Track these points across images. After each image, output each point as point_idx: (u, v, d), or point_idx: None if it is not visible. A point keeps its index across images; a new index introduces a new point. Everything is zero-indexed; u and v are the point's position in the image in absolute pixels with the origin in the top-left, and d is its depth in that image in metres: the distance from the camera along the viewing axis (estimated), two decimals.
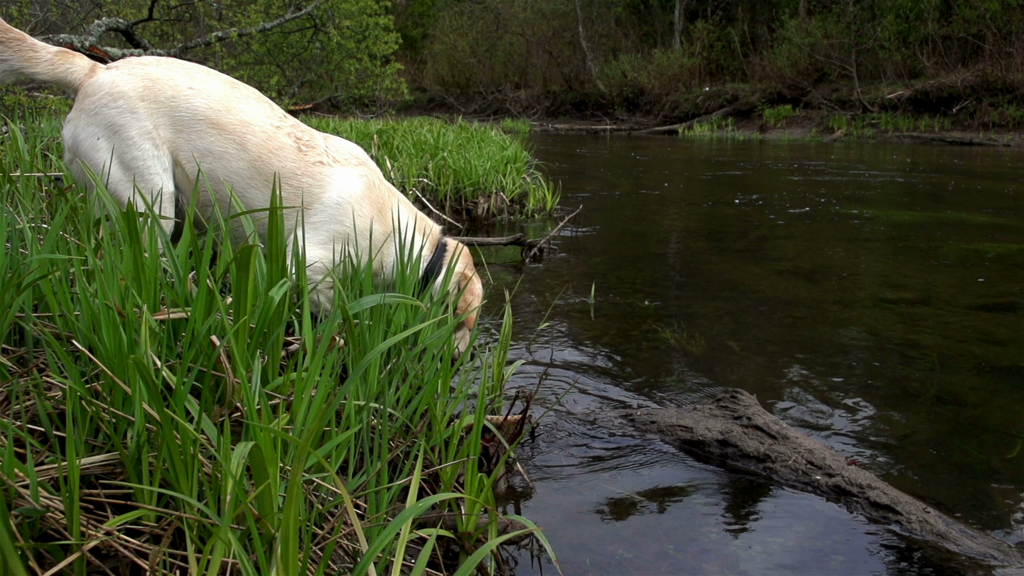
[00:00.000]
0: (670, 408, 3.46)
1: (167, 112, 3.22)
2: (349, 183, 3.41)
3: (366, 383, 2.30)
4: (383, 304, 2.49)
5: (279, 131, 3.37)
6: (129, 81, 3.22)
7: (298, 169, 3.33)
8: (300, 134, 3.44)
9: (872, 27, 33.65)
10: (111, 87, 3.20)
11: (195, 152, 3.24)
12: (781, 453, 2.95)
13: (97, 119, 3.18)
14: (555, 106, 47.51)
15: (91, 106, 3.20)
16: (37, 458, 1.75)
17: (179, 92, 3.25)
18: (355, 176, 3.45)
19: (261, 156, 3.29)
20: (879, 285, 6.13)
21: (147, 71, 3.27)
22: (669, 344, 4.51)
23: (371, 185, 3.48)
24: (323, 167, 3.39)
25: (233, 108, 3.31)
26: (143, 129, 3.18)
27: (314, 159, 3.39)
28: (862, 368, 4.16)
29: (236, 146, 3.27)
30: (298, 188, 3.32)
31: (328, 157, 3.43)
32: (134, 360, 1.52)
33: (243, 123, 3.30)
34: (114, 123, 3.17)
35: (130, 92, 3.20)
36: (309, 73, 23.31)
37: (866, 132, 30.51)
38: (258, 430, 1.52)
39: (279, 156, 3.31)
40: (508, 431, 2.90)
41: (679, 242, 8.20)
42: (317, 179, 3.36)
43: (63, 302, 2.05)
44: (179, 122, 3.23)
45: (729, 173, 16.42)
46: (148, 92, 3.21)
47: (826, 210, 10.35)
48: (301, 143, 3.40)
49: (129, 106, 3.18)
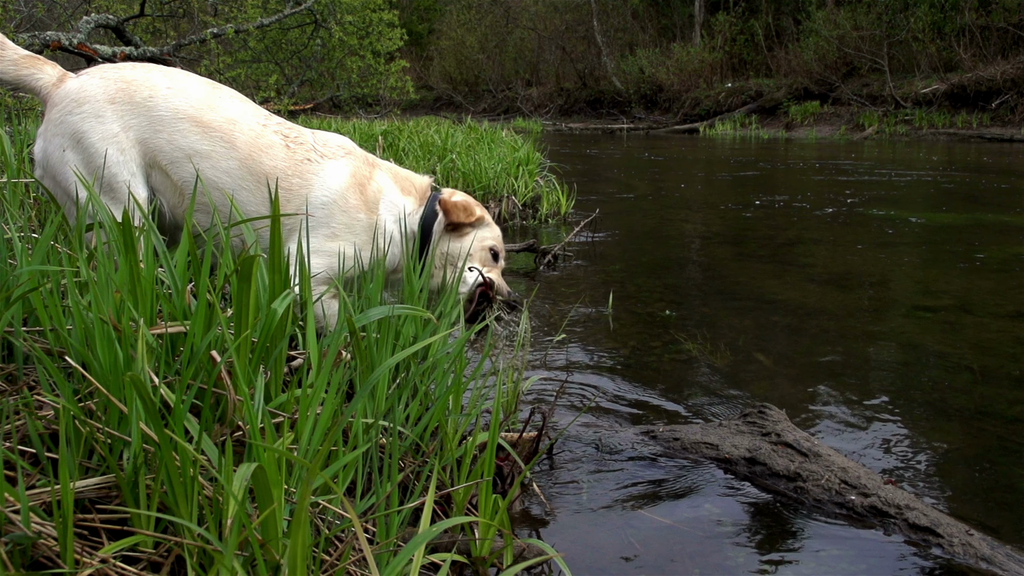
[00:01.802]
0: (694, 424, 3.45)
1: (143, 112, 3.23)
2: (333, 178, 3.43)
3: (374, 399, 2.30)
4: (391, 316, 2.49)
5: (266, 128, 3.41)
6: (99, 85, 3.24)
7: (288, 169, 3.36)
8: (287, 131, 3.48)
9: (905, 17, 33.56)
10: (77, 93, 3.22)
11: (179, 153, 3.25)
12: (813, 472, 2.93)
13: (62, 128, 3.19)
14: (569, 104, 47.55)
15: (56, 116, 3.21)
16: (28, 481, 1.75)
17: (157, 91, 3.27)
18: (339, 169, 3.47)
19: (252, 154, 3.31)
20: (914, 292, 6.11)
21: (121, 74, 3.30)
22: (692, 356, 4.50)
23: (355, 173, 3.49)
24: (310, 164, 3.42)
25: (217, 106, 3.33)
26: (107, 134, 3.18)
27: (302, 156, 3.42)
28: (897, 381, 4.14)
29: (224, 144, 3.28)
30: (289, 190, 3.34)
31: (316, 153, 3.47)
32: (131, 377, 1.53)
33: (230, 120, 3.32)
34: (77, 131, 3.17)
35: (98, 95, 3.21)
36: (309, 71, 23.41)
37: (899, 129, 30.44)
38: (262, 451, 1.53)
39: (270, 155, 3.34)
40: (524, 449, 2.89)
41: (701, 247, 8.19)
42: (305, 179, 3.39)
43: (54, 316, 2.06)
44: (159, 122, 3.24)
45: (753, 174, 16.40)
46: (121, 94, 3.22)
47: (856, 212, 10.32)
48: (289, 140, 3.44)
49: (94, 110, 3.19)
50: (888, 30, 33.91)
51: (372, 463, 2.18)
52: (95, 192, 2.70)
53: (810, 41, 36.67)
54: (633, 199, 12.11)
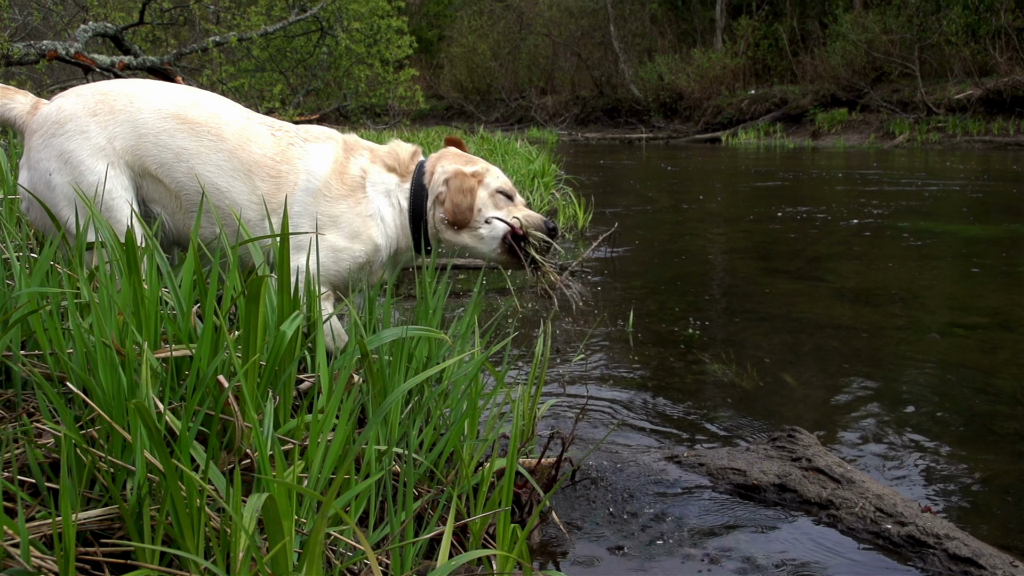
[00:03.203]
0: (720, 449, 3.43)
1: (126, 119, 3.26)
2: (316, 164, 3.48)
3: (387, 425, 2.30)
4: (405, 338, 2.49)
5: (251, 121, 3.50)
6: (76, 102, 3.27)
7: (277, 155, 3.42)
8: (271, 123, 3.57)
9: (937, 20, 33.50)
10: (57, 115, 3.25)
11: (168, 154, 3.28)
12: (846, 499, 2.92)
13: (47, 152, 3.21)
14: (585, 113, 47.64)
15: (39, 141, 3.24)
16: (28, 513, 1.76)
17: (136, 96, 3.31)
18: (321, 154, 3.51)
19: (240, 144, 3.37)
20: (949, 308, 6.08)
21: (96, 88, 3.35)
22: (717, 377, 4.49)
23: (336, 159, 3.53)
24: (294, 148, 3.48)
25: (199, 103, 3.39)
26: (96, 147, 3.21)
27: (287, 141, 3.48)
28: (933, 402, 4.12)
29: (213, 137, 3.32)
30: (278, 176, 3.37)
31: (299, 138, 3.52)
32: (136, 405, 1.53)
33: (214, 115, 3.37)
34: (63, 151, 3.20)
35: (79, 112, 3.24)
36: (315, 80, 23.51)
37: (931, 137, 30.35)
38: (272, 483, 1.53)
39: (258, 143, 3.41)
40: (543, 476, 2.88)
41: (725, 262, 8.18)
42: (292, 164, 3.44)
43: (55, 339, 2.07)
44: (143, 125, 3.27)
45: (778, 185, 16.37)
46: (100, 105, 3.26)
47: (887, 225, 10.29)
48: (274, 129, 3.52)
49: (78, 127, 3.22)
50: (919, 33, 33.85)
51: (385, 491, 2.18)
52: (96, 209, 2.72)
53: (837, 45, 36.63)
54: (653, 212, 12.11)
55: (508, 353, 3.21)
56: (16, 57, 13.63)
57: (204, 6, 19.96)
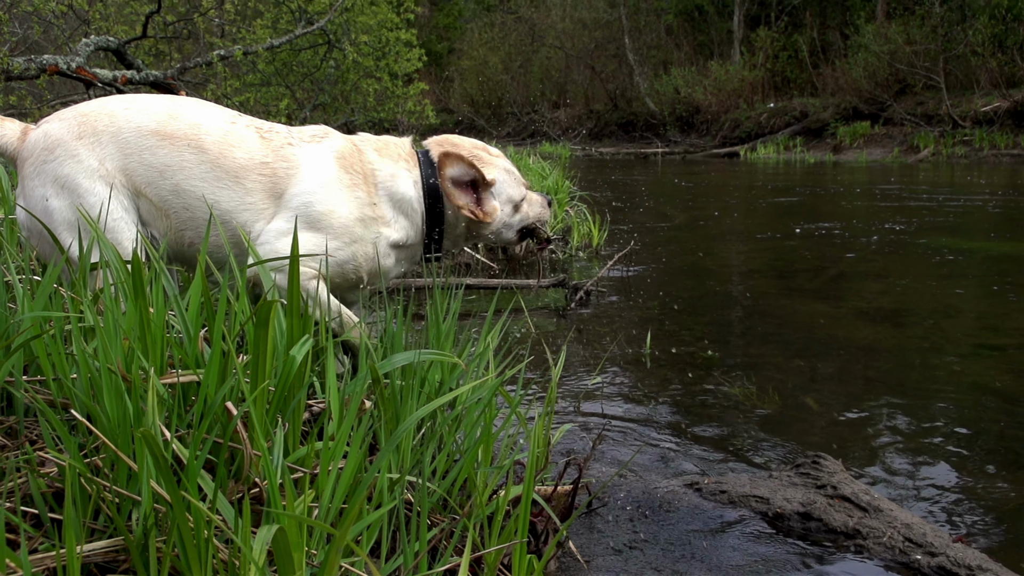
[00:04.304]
0: (742, 476, 3.42)
1: (109, 140, 3.28)
2: (318, 159, 3.47)
3: (399, 453, 2.29)
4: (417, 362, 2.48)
5: (235, 126, 3.46)
6: (61, 127, 3.30)
7: (268, 156, 3.40)
8: (260, 125, 3.54)
9: (962, 30, 33.50)
10: (45, 141, 3.27)
11: (152, 172, 3.29)
12: (873, 528, 2.90)
13: (42, 179, 3.24)
14: (599, 127, 47.75)
15: (32, 169, 3.26)
16: (31, 545, 1.76)
17: (116, 115, 3.32)
18: (323, 149, 3.51)
19: (223, 152, 3.34)
20: (977, 329, 6.05)
21: (77, 110, 3.37)
22: (737, 400, 4.47)
23: (341, 154, 3.51)
24: (292, 148, 3.47)
25: (179, 115, 3.38)
26: (90, 169, 3.23)
27: (281, 142, 3.46)
28: (962, 427, 4.09)
29: (192, 151, 3.32)
30: (274, 175, 3.37)
31: (295, 138, 3.51)
32: (143, 434, 1.53)
33: (193, 125, 3.36)
34: (58, 176, 3.22)
35: (65, 137, 3.26)
36: (322, 95, 23.61)
37: (957, 151, 30.31)
38: (282, 515, 1.52)
39: (243, 148, 3.38)
40: (559, 504, 2.87)
41: (744, 281, 8.17)
42: (290, 161, 3.43)
43: (58, 364, 2.07)
44: (126, 145, 3.28)
45: (798, 201, 16.36)
46: (83, 128, 3.28)
47: (911, 242, 10.26)
48: (263, 132, 3.49)
49: (68, 152, 3.24)
50: (944, 44, 33.85)
51: (398, 520, 2.17)
52: (99, 229, 2.73)
53: (859, 57, 36.66)
54: (670, 229, 12.11)
55: (522, 378, 3.21)
56: (16, 72, 13.73)
57: (209, 19, 20.08)
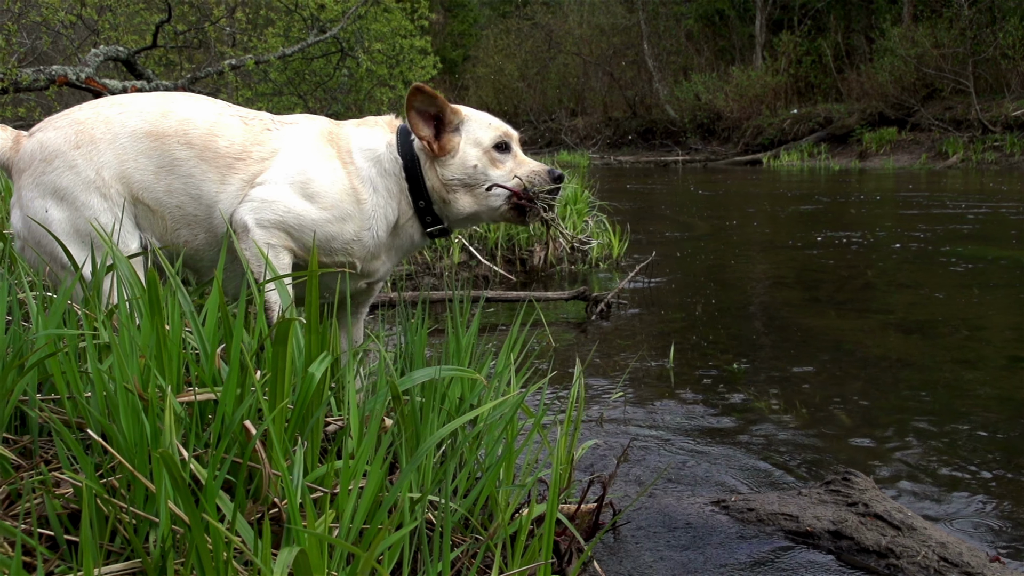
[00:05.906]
0: (770, 493, 3.40)
1: (107, 147, 3.28)
2: (296, 137, 3.47)
3: (419, 472, 2.29)
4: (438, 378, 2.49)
5: (222, 116, 3.47)
6: (57, 136, 3.30)
7: (248, 140, 3.41)
8: (245, 113, 3.54)
9: (992, 33, 33.38)
10: (42, 151, 3.28)
11: (148, 175, 3.30)
12: (907, 547, 2.88)
13: (39, 190, 3.25)
14: (618, 135, 47.76)
15: (29, 180, 3.27)
16: (47, 567, 1.76)
17: (111, 120, 3.32)
18: (301, 129, 3.52)
19: (207, 145, 3.35)
20: (1010, 340, 6.02)
21: (72, 117, 3.37)
22: (764, 415, 4.46)
23: (321, 131, 3.53)
24: (270, 132, 3.47)
25: (170, 112, 3.38)
26: (87, 181, 3.23)
27: (261, 128, 3.47)
28: (996, 443, 4.07)
29: (182, 146, 3.33)
30: (247, 159, 3.39)
31: (274, 123, 3.52)
32: (162, 454, 1.54)
33: (183, 121, 3.37)
34: (57, 188, 3.23)
35: (62, 146, 3.27)
36: (336, 104, 23.68)
37: (987, 157, 30.19)
38: (303, 536, 1.53)
39: (226, 136, 3.39)
40: (583, 522, 2.87)
41: (769, 293, 8.15)
42: (265, 145, 3.43)
43: (73, 383, 2.08)
44: (123, 151, 3.29)
45: (823, 209, 16.32)
46: (80, 136, 3.28)
47: (941, 252, 10.22)
48: (247, 119, 3.49)
49: (66, 163, 3.24)
50: (973, 47, 33.71)
51: (420, 539, 2.17)
52: (112, 243, 2.74)
53: (885, 61, 36.58)
54: (691, 239, 12.09)
55: (544, 394, 3.20)
56: (25, 83, 13.85)
57: (219, 28, 20.23)
